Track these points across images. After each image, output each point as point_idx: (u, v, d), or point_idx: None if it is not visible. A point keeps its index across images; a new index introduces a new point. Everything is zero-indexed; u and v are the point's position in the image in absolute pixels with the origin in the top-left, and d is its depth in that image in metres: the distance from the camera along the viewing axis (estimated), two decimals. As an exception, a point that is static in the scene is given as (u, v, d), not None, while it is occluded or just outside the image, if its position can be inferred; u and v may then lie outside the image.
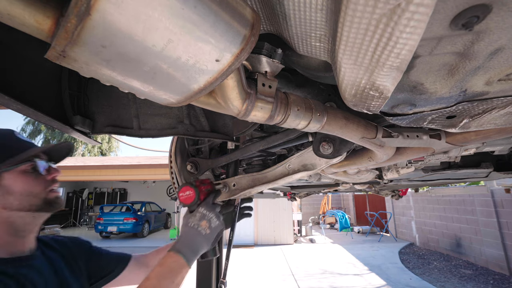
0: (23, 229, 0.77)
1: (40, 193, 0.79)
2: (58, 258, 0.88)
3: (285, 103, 0.59)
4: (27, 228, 0.78)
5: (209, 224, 0.91)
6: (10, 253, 0.73)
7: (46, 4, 0.31)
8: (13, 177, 0.75)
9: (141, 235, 12.31)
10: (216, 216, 0.95)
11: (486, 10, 0.33)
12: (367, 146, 0.77)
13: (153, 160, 12.54)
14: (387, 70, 0.42)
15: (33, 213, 0.77)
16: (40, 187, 0.79)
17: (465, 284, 5.90)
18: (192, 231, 0.89)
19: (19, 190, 0.75)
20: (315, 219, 15.89)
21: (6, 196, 0.73)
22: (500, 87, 0.51)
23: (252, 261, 8.18)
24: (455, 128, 0.67)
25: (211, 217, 0.93)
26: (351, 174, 1.49)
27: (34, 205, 0.77)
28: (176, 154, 1.47)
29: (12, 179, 0.74)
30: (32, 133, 20.96)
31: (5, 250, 0.72)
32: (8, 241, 0.74)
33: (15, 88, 0.73)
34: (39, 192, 0.78)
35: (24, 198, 0.75)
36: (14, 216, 0.75)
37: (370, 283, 6.11)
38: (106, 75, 0.38)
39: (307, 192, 4.30)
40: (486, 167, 1.71)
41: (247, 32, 0.40)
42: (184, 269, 0.80)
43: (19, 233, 0.76)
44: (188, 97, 0.45)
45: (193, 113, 1.13)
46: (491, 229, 6.77)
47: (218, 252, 1.02)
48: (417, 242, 10.01)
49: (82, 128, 0.99)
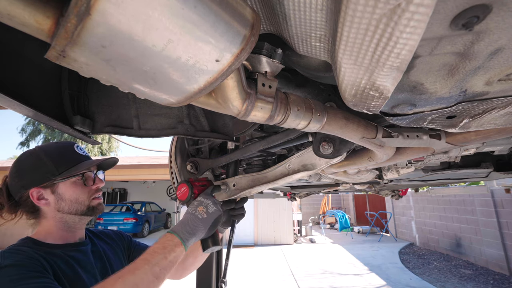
0: (73, 226, 0.96)
1: (84, 201, 0.95)
2: (105, 246, 1.07)
3: (285, 103, 0.59)
4: (76, 226, 0.97)
5: (205, 209, 0.95)
6: (63, 241, 0.93)
7: (46, 4, 0.31)
8: (65, 187, 0.92)
9: (141, 235, 12.30)
10: (213, 202, 0.98)
11: (486, 10, 0.33)
12: (367, 146, 0.77)
13: (153, 160, 12.53)
14: (387, 70, 0.42)
15: (79, 216, 0.95)
16: (85, 195, 0.95)
17: (465, 284, 5.90)
18: (189, 216, 0.93)
19: (69, 198, 0.92)
20: (315, 219, 15.89)
21: (60, 202, 0.91)
22: (500, 87, 0.51)
23: (252, 261, 8.18)
24: (455, 128, 0.67)
25: (208, 203, 0.97)
26: (351, 174, 1.49)
27: (80, 210, 0.94)
28: (176, 154, 1.47)
29: (64, 188, 0.92)
30: (32, 133, 20.92)
31: (60, 239, 0.93)
32: (62, 234, 0.94)
33: (15, 88, 0.73)
34: (84, 200, 0.95)
35: (72, 204, 0.92)
36: (65, 217, 0.93)
37: (370, 283, 6.11)
38: (106, 75, 0.38)
39: (307, 192, 4.30)
40: (486, 167, 1.71)
41: (247, 32, 0.40)
42: (178, 248, 0.81)
43: (70, 229, 0.95)
44: (188, 97, 0.45)
45: (193, 113, 1.13)
46: (491, 229, 6.77)
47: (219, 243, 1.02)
48: (417, 242, 10.02)
49: (82, 128, 0.99)
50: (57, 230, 0.93)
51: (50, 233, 0.91)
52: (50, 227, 0.92)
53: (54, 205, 0.91)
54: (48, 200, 0.90)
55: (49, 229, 0.92)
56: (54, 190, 0.90)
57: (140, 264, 0.74)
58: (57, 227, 0.92)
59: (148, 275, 0.73)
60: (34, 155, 0.91)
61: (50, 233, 0.91)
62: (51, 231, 0.92)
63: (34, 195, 0.88)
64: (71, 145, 0.99)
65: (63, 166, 0.91)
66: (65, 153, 0.95)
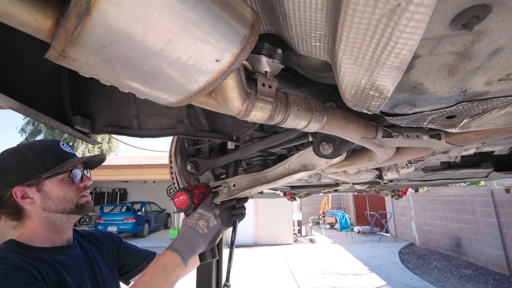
0: (60, 226, 0.91)
1: (72, 198, 0.92)
2: (93, 249, 1.03)
3: (285, 103, 0.59)
4: (63, 226, 0.92)
5: (207, 223, 0.93)
6: (51, 244, 0.88)
7: (46, 4, 0.31)
8: (52, 185, 0.88)
9: (141, 235, 12.30)
10: (214, 216, 0.96)
11: (486, 10, 0.33)
12: (367, 146, 0.77)
13: (153, 160, 12.53)
14: (387, 70, 0.42)
15: (66, 215, 0.91)
16: (73, 193, 0.92)
17: (465, 284, 5.90)
18: (190, 230, 0.91)
19: (56, 196, 0.88)
20: (315, 219, 15.89)
21: (46, 200, 0.87)
22: (500, 87, 0.51)
23: (252, 261, 8.18)
24: (455, 128, 0.67)
25: (209, 217, 0.95)
26: (351, 174, 1.49)
27: (67, 209, 0.90)
28: (176, 154, 1.47)
29: (51, 186, 0.88)
30: (32, 133, 20.89)
31: (47, 242, 0.88)
32: (49, 235, 0.89)
33: (15, 88, 0.73)
34: (72, 198, 0.91)
35: (60, 202, 0.89)
36: (52, 217, 0.89)
37: (370, 283, 6.11)
38: (106, 75, 0.38)
39: (307, 192, 4.30)
40: (486, 167, 1.71)
41: (247, 32, 0.40)
42: (179, 267, 0.81)
43: (57, 229, 0.91)
44: (188, 97, 0.45)
45: (193, 113, 1.13)
46: (491, 229, 6.77)
47: (217, 254, 1.01)
48: (417, 242, 10.02)
49: (82, 128, 0.99)
50: (43, 231, 0.88)
51: (36, 235, 0.86)
52: (36, 228, 0.87)
53: (40, 203, 0.86)
54: (33, 198, 0.86)
55: (34, 230, 0.87)
56: (40, 188, 0.86)
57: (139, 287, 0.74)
58: (43, 228, 0.88)
59: None
60: (17, 152, 0.87)
61: (36, 235, 0.87)
62: (36, 233, 0.87)
63: (17, 193, 0.83)
64: (57, 143, 0.95)
65: (50, 163, 0.87)
66: (51, 150, 0.91)
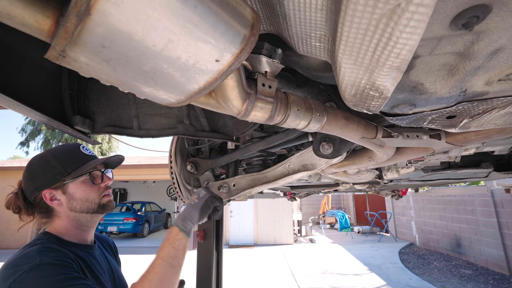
0: (86, 225, 0.99)
1: (95, 199, 0.98)
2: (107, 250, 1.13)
3: (285, 103, 0.59)
4: (89, 225, 1.00)
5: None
6: (79, 241, 0.97)
7: (46, 4, 0.31)
8: (75, 186, 0.95)
9: (141, 235, 12.30)
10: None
11: (486, 10, 0.33)
12: (367, 146, 0.77)
13: (153, 160, 12.53)
14: (387, 70, 0.42)
15: (91, 214, 0.98)
16: (94, 194, 0.98)
17: (465, 284, 5.90)
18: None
19: (79, 197, 0.95)
20: (315, 219, 15.89)
21: (71, 201, 0.95)
22: (500, 87, 0.51)
23: (252, 261, 8.18)
24: (455, 128, 0.67)
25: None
26: (351, 174, 1.49)
27: (91, 209, 0.98)
28: (176, 154, 1.47)
29: (74, 188, 0.95)
30: (32, 133, 20.88)
31: (76, 239, 0.96)
32: (77, 233, 0.97)
33: (15, 88, 0.73)
34: (94, 198, 0.98)
35: (83, 203, 0.96)
36: (78, 216, 0.96)
37: (370, 283, 6.11)
38: (106, 75, 0.38)
39: (307, 192, 4.30)
40: (486, 167, 1.71)
41: (247, 32, 0.40)
42: (178, 236, 0.94)
43: (83, 228, 0.99)
44: (188, 97, 0.45)
45: (193, 113, 1.13)
46: (491, 229, 6.77)
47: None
48: (417, 242, 10.01)
49: (82, 128, 0.99)
50: (72, 228, 0.97)
51: (67, 230, 0.95)
52: (66, 224, 0.96)
53: (67, 204, 0.95)
54: (60, 200, 0.94)
55: (64, 226, 0.96)
56: (65, 191, 0.94)
57: (156, 262, 0.86)
58: (71, 226, 0.97)
59: (166, 267, 0.86)
60: (43, 158, 0.95)
61: (67, 230, 0.95)
62: (67, 228, 0.96)
63: (46, 196, 0.92)
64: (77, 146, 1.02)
65: (70, 166, 0.95)
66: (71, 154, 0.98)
